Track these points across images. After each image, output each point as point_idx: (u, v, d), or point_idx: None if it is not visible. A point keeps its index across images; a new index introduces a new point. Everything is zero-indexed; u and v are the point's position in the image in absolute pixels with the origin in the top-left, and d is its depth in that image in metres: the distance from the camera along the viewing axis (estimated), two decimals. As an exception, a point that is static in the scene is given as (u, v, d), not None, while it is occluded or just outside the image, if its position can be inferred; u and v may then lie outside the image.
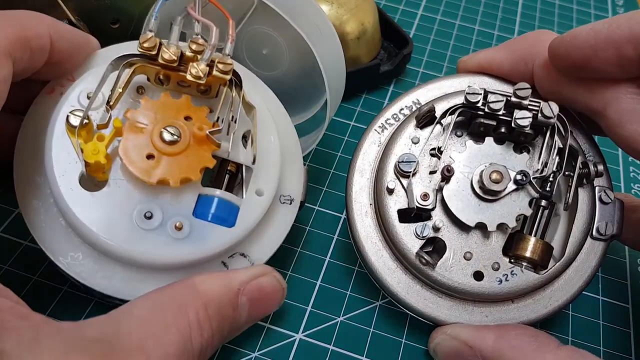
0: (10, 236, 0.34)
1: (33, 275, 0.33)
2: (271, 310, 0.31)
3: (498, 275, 0.29)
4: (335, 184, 0.41)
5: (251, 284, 0.28)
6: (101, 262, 0.27)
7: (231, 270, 0.29)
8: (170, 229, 0.27)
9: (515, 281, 0.29)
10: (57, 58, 0.27)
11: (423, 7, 0.59)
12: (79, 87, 0.28)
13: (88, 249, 0.27)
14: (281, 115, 0.33)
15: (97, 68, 0.28)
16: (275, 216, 0.31)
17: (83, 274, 0.27)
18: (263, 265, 0.30)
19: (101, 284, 0.27)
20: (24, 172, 0.28)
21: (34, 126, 0.28)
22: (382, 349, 0.32)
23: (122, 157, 0.27)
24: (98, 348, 0.22)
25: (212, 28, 0.28)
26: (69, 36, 0.28)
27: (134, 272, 0.28)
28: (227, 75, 0.28)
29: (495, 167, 0.29)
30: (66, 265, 0.27)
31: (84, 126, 0.26)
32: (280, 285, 0.30)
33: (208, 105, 0.30)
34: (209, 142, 0.28)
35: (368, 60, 0.48)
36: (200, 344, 0.25)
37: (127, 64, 0.28)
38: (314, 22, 0.33)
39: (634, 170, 0.46)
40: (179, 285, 0.26)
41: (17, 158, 0.28)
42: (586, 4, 0.64)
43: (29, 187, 0.28)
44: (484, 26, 0.58)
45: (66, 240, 0.27)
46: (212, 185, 0.30)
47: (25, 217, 0.27)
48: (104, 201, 0.27)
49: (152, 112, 0.28)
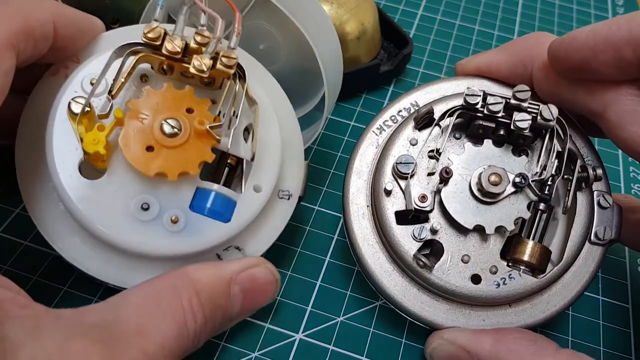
0: (10, 236, 0.34)
1: (33, 275, 0.33)
2: (265, 302, 0.30)
3: (496, 279, 0.29)
4: (335, 184, 0.41)
5: (243, 274, 0.28)
6: (97, 249, 0.27)
7: (224, 260, 0.29)
8: (166, 221, 0.27)
9: (513, 285, 0.29)
10: (61, 43, 0.27)
11: (423, 7, 0.59)
12: (82, 73, 0.28)
13: (85, 235, 0.27)
14: (285, 108, 0.33)
15: (101, 54, 0.28)
16: (273, 211, 0.31)
17: (79, 258, 0.27)
18: (257, 257, 0.30)
19: (96, 270, 0.28)
20: (25, 156, 0.28)
21: (37, 109, 0.28)
22: (382, 349, 0.32)
23: (122, 147, 0.26)
24: (98, 333, 0.23)
25: (218, 20, 0.28)
26: (73, 20, 0.28)
27: (130, 260, 0.28)
28: (231, 69, 0.28)
29: (494, 169, 0.29)
30: (62, 250, 0.27)
31: (85, 114, 0.26)
32: (273, 276, 0.30)
33: (211, 96, 0.29)
34: (209, 136, 0.28)
35: (368, 60, 0.48)
36: (194, 329, 0.26)
37: (131, 52, 0.28)
38: (312, 17, 0.33)
39: (634, 171, 0.46)
40: (172, 275, 0.27)
41: (19, 141, 0.28)
42: (586, 4, 0.64)
43: (29, 171, 0.28)
44: (484, 26, 0.58)
45: (64, 225, 0.27)
46: (211, 177, 0.30)
47: (24, 200, 0.28)
48: (102, 190, 0.27)
49: (153, 102, 0.28)
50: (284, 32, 0.36)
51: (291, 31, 0.35)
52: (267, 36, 0.36)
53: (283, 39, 0.36)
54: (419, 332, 0.33)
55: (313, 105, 0.39)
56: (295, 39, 0.35)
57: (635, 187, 0.45)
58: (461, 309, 0.30)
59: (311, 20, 0.33)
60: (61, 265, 0.31)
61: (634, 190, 0.44)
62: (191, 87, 0.29)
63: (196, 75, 0.28)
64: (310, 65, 0.36)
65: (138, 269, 0.28)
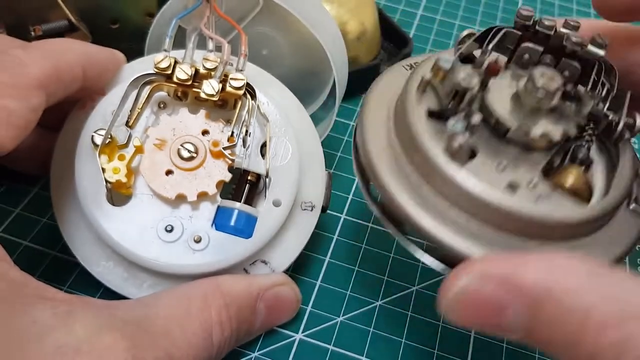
0: (10, 236, 0.34)
1: (33, 275, 0.32)
2: (283, 321, 0.32)
3: (535, 194, 0.23)
4: (335, 183, 0.41)
5: (270, 291, 0.29)
6: (131, 270, 0.29)
7: (253, 274, 0.30)
8: (189, 241, 0.29)
9: (553, 205, 0.23)
10: (88, 83, 0.28)
11: (423, 7, 0.59)
12: (105, 105, 0.29)
13: (119, 258, 0.29)
14: (302, 118, 0.33)
15: (122, 85, 0.29)
16: (296, 223, 0.31)
17: (114, 281, 0.29)
18: (283, 275, 0.31)
19: (131, 292, 0.29)
20: (59, 188, 0.30)
21: (67, 142, 0.30)
22: (382, 349, 0.32)
23: (143, 174, 0.29)
24: (128, 329, 0.23)
25: (224, 45, 0.30)
26: (99, 59, 0.29)
27: (162, 279, 0.29)
28: (239, 90, 0.29)
29: (551, 71, 0.23)
30: (99, 274, 0.29)
31: (107, 145, 0.28)
32: (295, 297, 0.31)
33: (226, 117, 0.31)
34: (224, 156, 0.29)
35: (368, 60, 0.48)
36: (219, 341, 0.26)
37: (145, 82, 0.29)
38: (316, 16, 0.33)
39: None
40: (203, 283, 0.28)
41: (53, 173, 0.30)
42: (586, 4, 0.64)
43: (64, 201, 0.30)
44: (484, 26, 0.58)
45: (98, 250, 0.29)
46: (233, 194, 0.31)
47: (61, 229, 0.30)
48: (129, 215, 0.28)
49: (170, 128, 0.29)
50: (286, 36, 0.36)
51: (293, 34, 0.36)
52: (270, 42, 0.37)
53: (285, 42, 0.37)
54: (420, 332, 0.33)
55: (314, 110, 0.40)
56: (298, 41, 0.36)
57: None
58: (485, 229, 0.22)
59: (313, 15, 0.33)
60: (61, 265, 0.31)
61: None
62: (206, 110, 0.30)
63: (207, 99, 0.29)
64: (314, 66, 0.36)
65: (172, 287, 0.29)
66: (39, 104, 0.24)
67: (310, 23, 0.32)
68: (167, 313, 0.25)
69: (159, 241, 0.28)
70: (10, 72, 0.24)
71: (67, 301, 0.23)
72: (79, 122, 0.29)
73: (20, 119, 0.23)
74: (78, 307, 0.23)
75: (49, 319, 0.22)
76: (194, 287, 0.27)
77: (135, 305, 0.25)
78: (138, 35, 0.35)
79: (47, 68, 0.25)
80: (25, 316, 0.21)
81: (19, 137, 0.24)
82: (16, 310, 0.21)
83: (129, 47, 0.32)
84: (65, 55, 0.26)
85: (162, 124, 0.29)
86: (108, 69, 0.30)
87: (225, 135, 0.30)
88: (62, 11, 0.36)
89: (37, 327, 0.21)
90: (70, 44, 0.28)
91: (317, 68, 0.32)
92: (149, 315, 0.25)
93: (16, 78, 0.24)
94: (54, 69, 0.25)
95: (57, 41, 0.28)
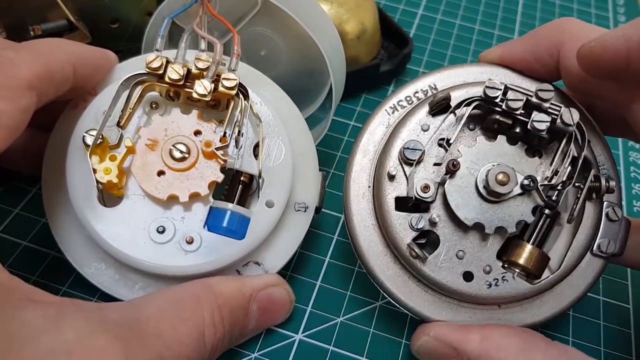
0: (10, 236, 0.34)
1: (32, 275, 0.33)
2: (276, 322, 0.32)
3: (488, 279, 0.28)
4: (335, 183, 0.41)
5: (263, 292, 0.29)
6: (122, 271, 0.29)
7: (245, 275, 0.30)
8: (182, 242, 0.28)
9: (505, 287, 0.28)
10: (79, 83, 0.28)
11: (423, 7, 0.59)
12: (95, 106, 0.29)
13: (110, 259, 0.29)
14: (295, 118, 0.33)
15: (113, 85, 0.29)
16: (290, 224, 0.31)
17: (105, 283, 0.29)
18: (276, 276, 0.31)
19: (123, 293, 0.29)
20: (50, 188, 0.30)
21: (58, 142, 0.30)
22: (382, 349, 0.32)
23: (135, 175, 0.28)
24: (120, 330, 0.23)
25: (217, 45, 0.29)
26: (90, 59, 0.29)
27: (154, 280, 0.29)
28: (232, 90, 0.29)
29: (503, 168, 0.28)
30: (90, 275, 0.29)
31: (98, 145, 0.28)
32: (289, 297, 0.31)
33: (219, 118, 0.30)
34: (216, 157, 0.29)
35: (368, 60, 0.48)
36: (212, 342, 0.26)
37: (137, 82, 0.29)
38: (314, 19, 0.33)
39: (634, 171, 0.46)
40: (195, 285, 0.27)
41: (44, 174, 0.30)
42: (587, 4, 0.64)
43: (55, 201, 0.29)
44: (484, 26, 0.58)
45: (90, 251, 0.29)
46: (225, 195, 0.30)
47: (52, 230, 0.29)
48: (121, 216, 0.28)
49: (162, 129, 0.29)
50: (285, 37, 0.36)
51: (291, 35, 0.36)
52: (268, 42, 0.37)
53: (283, 43, 0.37)
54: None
55: (313, 110, 0.40)
56: (296, 42, 0.36)
57: (636, 187, 0.45)
58: (449, 303, 0.30)
59: (311, 18, 0.33)
60: (60, 265, 0.31)
61: (635, 190, 0.44)
62: (198, 110, 0.30)
63: (199, 99, 0.29)
64: (312, 67, 0.36)
65: (163, 288, 0.29)
66: (29, 104, 0.24)
67: (308, 25, 0.32)
68: (159, 314, 0.25)
69: (150, 242, 0.28)
70: (1, 73, 0.24)
71: (57, 304, 0.23)
72: (71, 122, 0.29)
73: (10, 120, 0.23)
74: (68, 309, 0.23)
75: (40, 322, 0.21)
76: (186, 289, 0.27)
77: (126, 306, 0.25)
78: (138, 35, 0.35)
79: (37, 68, 0.25)
80: (15, 320, 0.21)
81: (10, 138, 0.24)
82: (6, 314, 0.21)
83: (128, 47, 0.32)
84: (55, 56, 0.26)
85: (154, 124, 0.29)
86: (99, 69, 0.30)
87: (217, 135, 0.29)
88: (62, 11, 0.36)
89: (27, 330, 0.21)
90: (60, 43, 0.27)
91: (315, 69, 0.32)
92: (140, 317, 0.24)
93: (6, 79, 0.24)
94: (44, 70, 0.25)
95: (47, 41, 0.28)
